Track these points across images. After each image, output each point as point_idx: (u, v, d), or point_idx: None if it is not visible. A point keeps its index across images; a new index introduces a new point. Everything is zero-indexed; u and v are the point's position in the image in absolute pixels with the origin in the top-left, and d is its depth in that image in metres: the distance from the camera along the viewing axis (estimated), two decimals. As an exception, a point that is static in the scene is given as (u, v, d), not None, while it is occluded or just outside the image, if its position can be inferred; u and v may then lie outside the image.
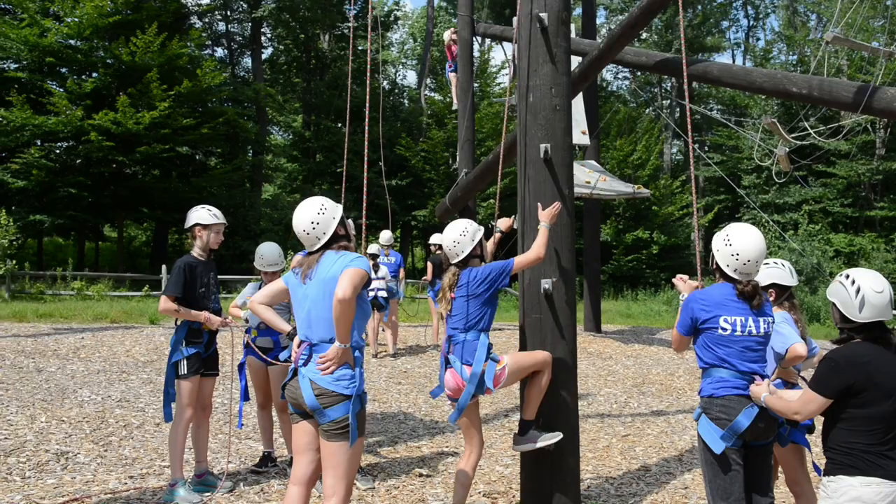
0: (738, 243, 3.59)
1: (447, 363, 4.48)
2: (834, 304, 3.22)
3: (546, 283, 4.57)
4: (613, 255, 28.07)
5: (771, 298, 4.32)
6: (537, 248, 4.39)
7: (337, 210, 3.75)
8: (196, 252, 5.17)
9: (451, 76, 14.43)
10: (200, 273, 5.09)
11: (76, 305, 15.55)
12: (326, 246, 3.69)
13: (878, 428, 3.01)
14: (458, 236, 4.50)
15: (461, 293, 4.43)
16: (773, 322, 3.71)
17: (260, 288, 5.49)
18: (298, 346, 3.67)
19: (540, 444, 4.50)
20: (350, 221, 3.89)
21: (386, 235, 12.24)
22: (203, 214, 5.14)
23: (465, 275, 4.44)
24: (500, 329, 15.44)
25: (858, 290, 3.10)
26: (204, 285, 5.10)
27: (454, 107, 14.78)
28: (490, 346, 4.41)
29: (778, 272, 4.41)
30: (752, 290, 3.58)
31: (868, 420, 3.01)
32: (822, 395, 3.07)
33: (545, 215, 4.48)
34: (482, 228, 4.64)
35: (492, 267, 4.41)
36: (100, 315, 14.39)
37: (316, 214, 3.68)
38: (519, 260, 4.44)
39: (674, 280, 4.24)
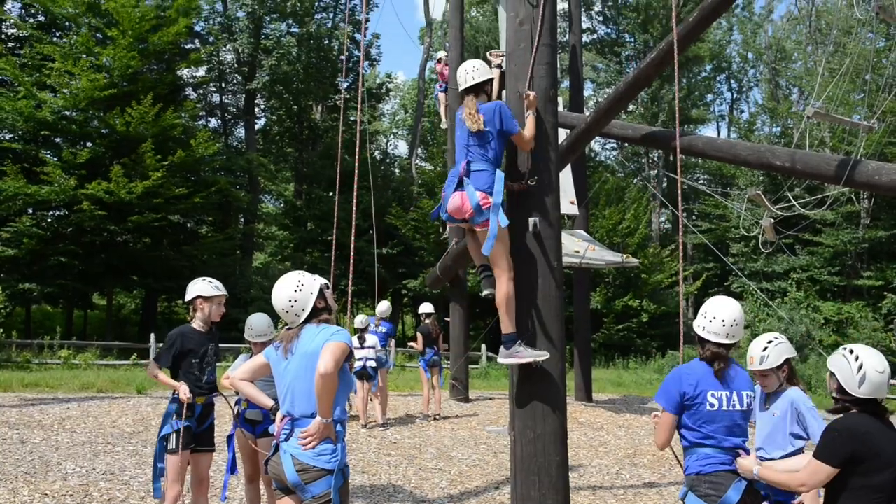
0: (709, 306, 3.72)
1: (459, 184, 4.64)
2: (833, 374, 3.30)
3: (536, 355, 4.59)
4: (604, 324, 28.06)
5: (784, 374, 4.32)
6: (529, 138, 4.64)
7: (314, 284, 3.76)
8: (196, 324, 5.18)
9: (441, 96, 14.76)
10: (196, 344, 5.09)
11: (63, 374, 15.37)
12: (306, 321, 3.72)
13: (880, 496, 3.08)
14: (472, 68, 4.84)
15: (486, 119, 4.61)
16: (755, 396, 3.74)
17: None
18: (281, 420, 3.66)
19: (526, 360, 4.51)
20: (328, 290, 3.90)
21: (383, 307, 12.28)
22: (205, 287, 5.16)
23: (482, 108, 4.67)
24: (490, 398, 15.34)
25: (861, 367, 3.20)
26: (199, 357, 5.09)
27: (443, 125, 15.05)
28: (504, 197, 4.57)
29: (788, 347, 4.37)
30: (711, 355, 3.63)
31: (871, 489, 3.08)
32: (829, 465, 3.13)
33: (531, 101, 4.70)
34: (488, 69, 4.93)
35: (505, 112, 4.62)
36: (86, 384, 14.22)
37: (293, 292, 3.70)
38: (521, 136, 4.62)
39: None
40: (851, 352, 3.27)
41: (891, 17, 7.34)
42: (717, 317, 3.63)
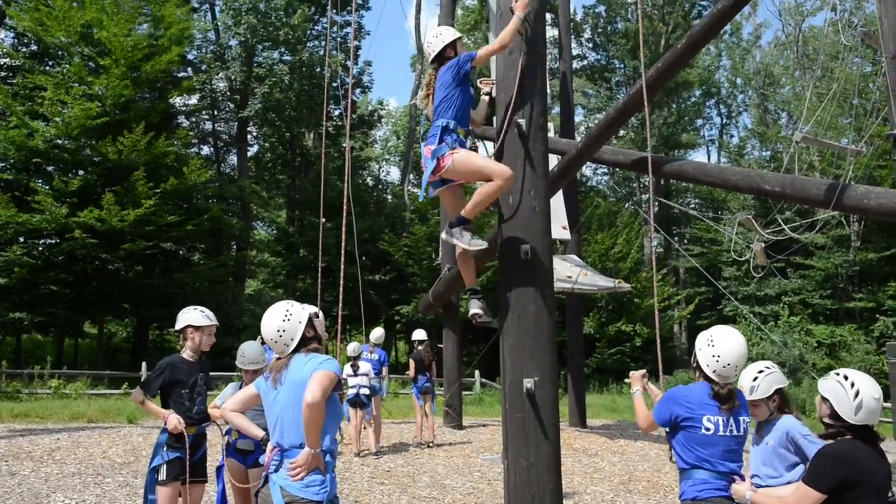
0: (720, 346, 3.65)
1: None
2: (826, 399, 3.27)
3: (528, 383, 4.58)
4: (597, 348, 28.01)
5: (774, 404, 4.31)
6: (504, 35, 4.69)
7: (302, 314, 3.76)
8: (186, 354, 5.15)
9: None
10: (186, 375, 5.06)
11: (53, 404, 15.24)
12: (296, 350, 3.70)
13: None
14: (432, 38, 4.96)
15: (437, 83, 4.80)
16: (749, 421, 3.74)
17: (241, 387, 5.44)
18: (271, 451, 3.63)
19: (460, 245, 4.74)
20: (320, 317, 3.89)
21: (377, 333, 12.23)
22: (196, 316, 5.13)
23: (441, 70, 4.83)
24: (484, 425, 15.27)
25: (858, 394, 3.18)
26: (188, 387, 5.05)
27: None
28: (448, 128, 4.67)
29: (779, 377, 4.34)
30: (727, 393, 3.61)
31: None
32: (818, 491, 3.10)
33: (519, 6, 4.74)
34: (459, 35, 5.03)
35: (460, 56, 4.78)
36: (77, 414, 14.11)
37: (281, 322, 3.70)
38: (483, 50, 4.78)
39: (630, 376, 4.30)
40: (846, 378, 3.25)
41: (876, 42, 7.45)
42: (731, 363, 3.61)
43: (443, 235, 4.78)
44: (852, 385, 3.20)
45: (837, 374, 3.31)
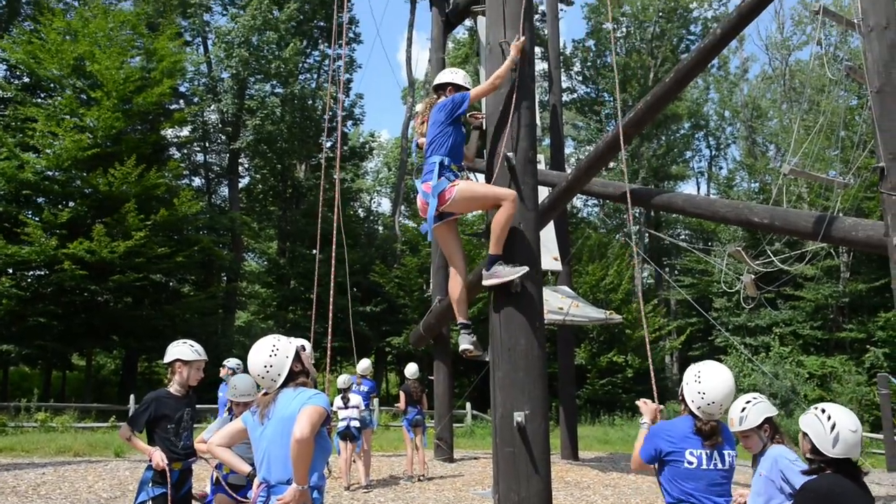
0: (706, 383, 3.64)
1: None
2: (806, 434, 3.27)
3: (519, 416, 4.56)
4: (588, 379, 27.92)
5: (766, 434, 4.30)
6: (494, 77, 4.87)
7: (289, 348, 3.72)
8: (174, 388, 5.10)
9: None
10: (172, 410, 5.00)
11: (39, 438, 15.06)
12: (283, 385, 3.67)
13: None
14: (449, 71, 5.18)
15: (430, 120, 4.93)
16: (736, 455, 3.72)
17: (231, 419, 5.39)
18: (257, 487, 3.59)
19: (506, 278, 4.64)
20: (307, 350, 3.86)
21: (363, 365, 12.16)
22: (185, 350, 5.09)
23: (434, 108, 4.96)
24: (476, 458, 15.15)
25: (834, 427, 3.17)
26: (174, 422, 5.00)
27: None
28: (444, 165, 4.73)
29: (767, 406, 4.34)
30: (709, 430, 3.61)
31: None
32: None
33: (514, 49, 4.92)
34: (470, 88, 5.12)
35: (453, 96, 4.93)
36: (63, 448, 13.93)
37: (268, 357, 3.66)
38: (474, 92, 4.94)
39: (637, 403, 4.26)
40: (823, 411, 3.25)
41: (861, 76, 7.57)
42: (716, 402, 3.62)
43: (485, 282, 4.72)
44: (829, 418, 3.20)
45: (816, 409, 3.32)
